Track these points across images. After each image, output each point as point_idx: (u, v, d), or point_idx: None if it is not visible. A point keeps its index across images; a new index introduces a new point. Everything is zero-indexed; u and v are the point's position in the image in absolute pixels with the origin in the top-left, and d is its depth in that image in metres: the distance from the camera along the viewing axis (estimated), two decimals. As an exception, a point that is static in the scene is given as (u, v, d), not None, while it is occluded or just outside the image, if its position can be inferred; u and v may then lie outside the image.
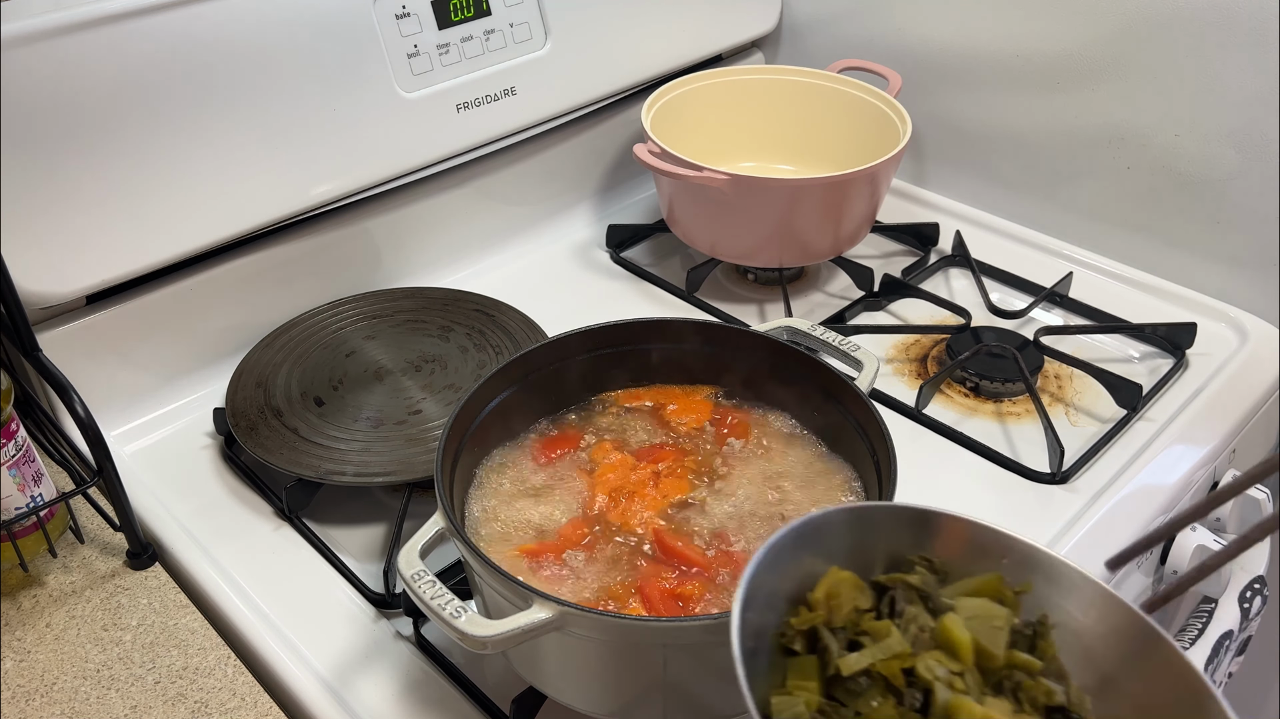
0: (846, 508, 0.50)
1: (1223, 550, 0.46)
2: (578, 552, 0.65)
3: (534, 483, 0.71)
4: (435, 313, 0.97)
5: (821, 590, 0.47)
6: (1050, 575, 0.50)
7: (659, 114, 1.06)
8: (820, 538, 0.49)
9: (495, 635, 0.54)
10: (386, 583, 0.74)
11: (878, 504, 0.51)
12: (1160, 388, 0.91)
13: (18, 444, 0.71)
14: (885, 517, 0.51)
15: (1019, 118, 1.10)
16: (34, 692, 0.66)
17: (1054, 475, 0.82)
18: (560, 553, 0.65)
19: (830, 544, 0.49)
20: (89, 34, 0.77)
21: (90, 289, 0.83)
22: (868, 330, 0.99)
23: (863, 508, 0.50)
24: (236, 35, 0.84)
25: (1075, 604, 0.50)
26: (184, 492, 0.83)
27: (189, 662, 0.69)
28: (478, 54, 0.99)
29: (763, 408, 0.76)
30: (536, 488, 0.70)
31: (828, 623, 0.46)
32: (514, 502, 0.69)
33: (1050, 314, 1.02)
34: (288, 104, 0.88)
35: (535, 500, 0.69)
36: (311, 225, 0.97)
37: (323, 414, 0.85)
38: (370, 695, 0.68)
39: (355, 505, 0.82)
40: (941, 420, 0.88)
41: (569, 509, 0.69)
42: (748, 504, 0.68)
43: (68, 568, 0.76)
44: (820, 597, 0.47)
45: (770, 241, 1.00)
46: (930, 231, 1.11)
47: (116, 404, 0.88)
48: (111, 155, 0.81)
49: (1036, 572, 0.50)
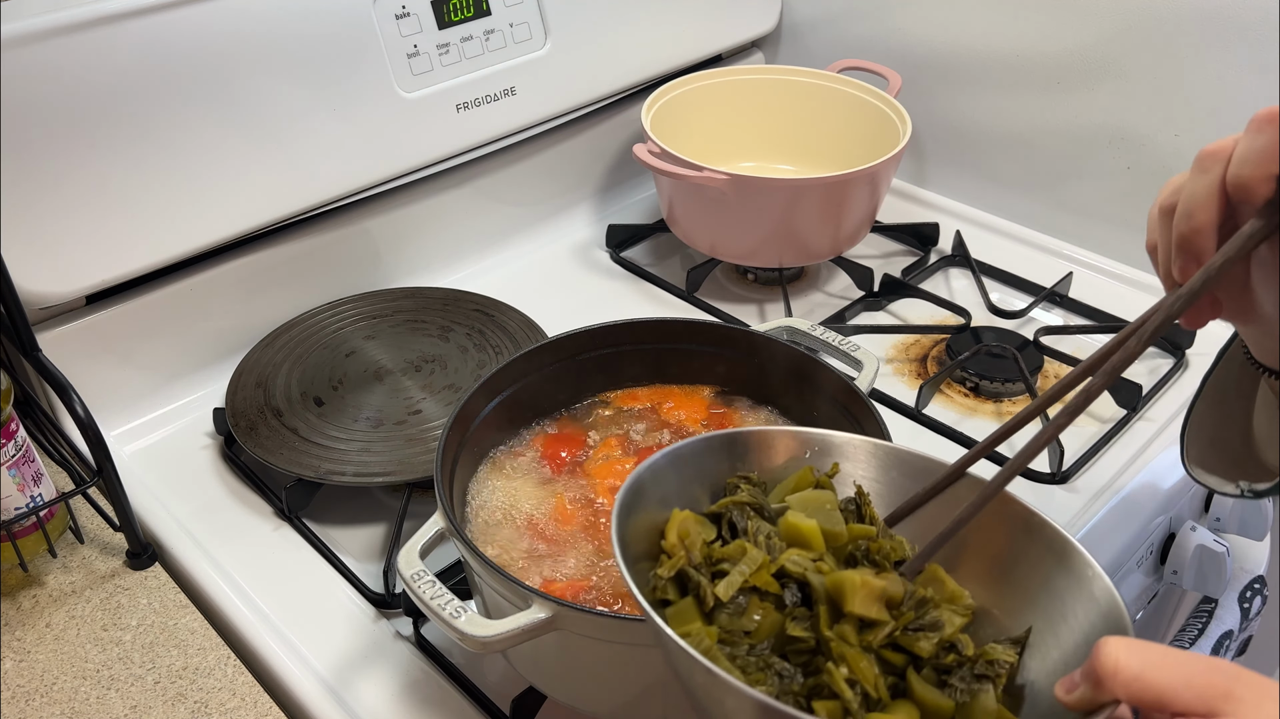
0: (661, 453, 0.51)
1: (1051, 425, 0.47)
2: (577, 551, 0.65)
3: (534, 483, 0.71)
4: (435, 313, 0.97)
5: (673, 534, 0.49)
6: (846, 453, 0.54)
7: (659, 114, 1.06)
8: (655, 487, 0.50)
9: (495, 635, 0.54)
10: (386, 583, 0.74)
11: (687, 440, 0.52)
12: (1160, 388, 0.91)
13: (17, 444, 0.71)
14: (698, 450, 0.52)
15: (1019, 118, 1.10)
16: (34, 692, 0.66)
17: (1054, 475, 0.82)
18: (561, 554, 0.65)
19: (663, 491, 0.51)
20: (88, 34, 0.77)
21: (90, 289, 0.83)
22: (868, 330, 0.99)
23: (676, 448, 0.52)
24: (236, 35, 0.84)
25: (873, 470, 0.54)
26: (184, 492, 0.83)
27: (189, 662, 0.69)
28: (477, 54, 0.99)
29: (762, 408, 0.76)
30: (536, 488, 0.70)
31: (690, 562, 0.48)
32: (514, 502, 0.69)
33: (1050, 314, 1.02)
34: (288, 104, 0.88)
35: (535, 500, 0.69)
36: (311, 225, 0.97)
37: (322, 414, 0.85)
38: (370, 695, 0.67)
39: (355, 505, 0.82)
40: (941, 420, 0.88)
41: (569, 509, 0.69)
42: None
43: (67, 568, 0.76)
44: (674, 540, 0.49)
45: (770, 241, 1.00)
46: (930, 231, 1.11)
47: (116, 404, 0.88)
48: (111, 155, 0.81)
49: (837, 454, 0.54)
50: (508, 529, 0.67)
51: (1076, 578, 0.47)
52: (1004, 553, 0.50)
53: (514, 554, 0.66)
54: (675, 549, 0.48)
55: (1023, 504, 0.50)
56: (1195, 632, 0.87)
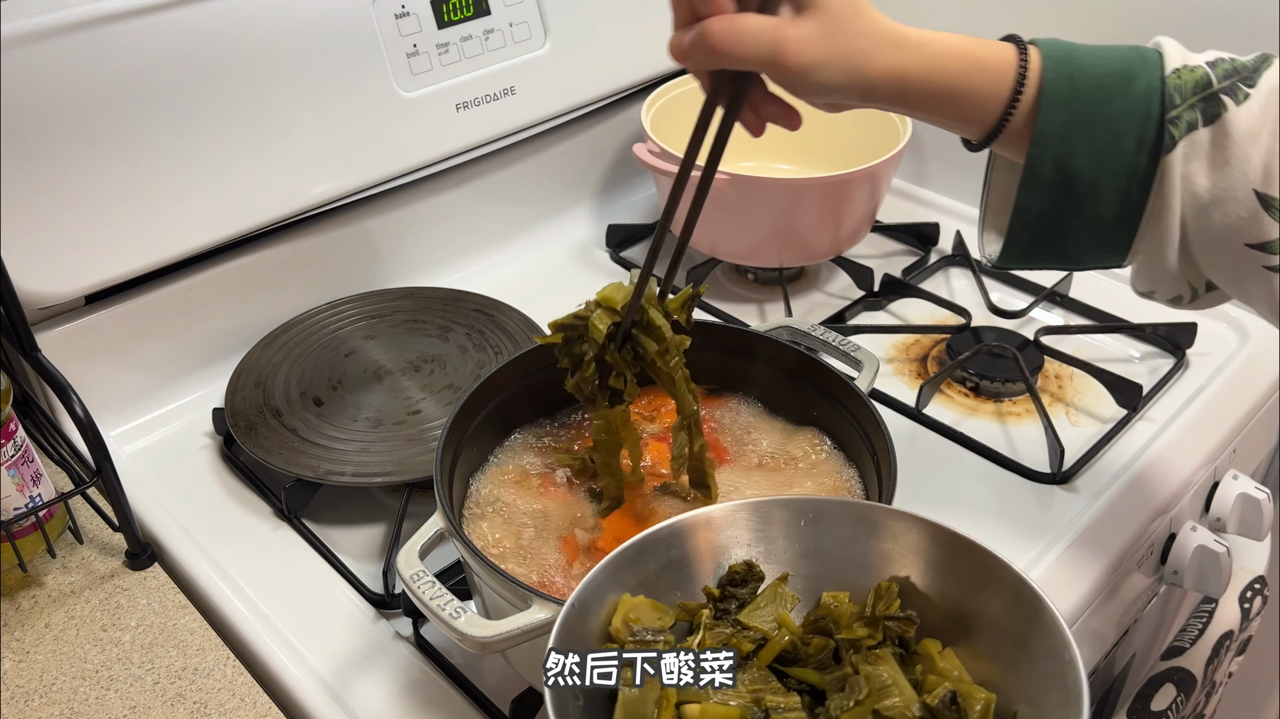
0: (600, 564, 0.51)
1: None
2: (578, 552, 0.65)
3: (534, 483, 0.71)
4: (435, 313, 0.97)
5: (618, 619, 0.49)
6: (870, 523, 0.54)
7: (659, 114, 1.06)
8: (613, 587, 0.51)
9: (495, 636, 0.54)
10: (386, 583, 0.74)
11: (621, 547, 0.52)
12: (1160, 388, 0.91)
13: (16, 444, 0.71)
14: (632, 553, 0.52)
15: (1019, 117, 1.09)
16: (33, 692, 0.66)
17: (1054, 475, 0.82)
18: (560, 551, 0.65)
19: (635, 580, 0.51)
20: (88, 34, 0.77)
21: (89, 289, 0.83)
22: (868, 330, 0.99)
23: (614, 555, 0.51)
24: (235, 35, 0.84)
25: (886, 539, 0.53)
26: (183, 492, 0.83)
27: (188, 662, 0.68)
28: (477, 54, 0.99)
29: (761, 408, 0.76)
30: (536, 487, 0.70)
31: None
32: (513, 501, 0.69)
33: (1050, 314, 1.02)
34: (287, 104, 0.88)
35: (535, 500, 0.69)
36: (311, 225, 0.97)
37: (322, 414, 0.85)
38: (369, 696, 0.67)
39: (354, 505, 0.82)
40: (941, 420, 0.88)
41: (569, 508, 0.69)
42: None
43: (67, 568, 0.76)
44: (618, 625, 0.49)
45: (770, 241, 1.00)
46: (930, 231, 1.11)
47: (116, 404, 0.88)
48: (111, 155, 0.80)
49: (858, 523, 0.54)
50: (508, 529, 0.67)
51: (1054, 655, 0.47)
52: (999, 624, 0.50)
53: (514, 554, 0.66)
54: (620, 634, 0.49)
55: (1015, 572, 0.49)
56: (1195, 632, 0.87)
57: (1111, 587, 0.76)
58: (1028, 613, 0.48)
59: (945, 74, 0.58)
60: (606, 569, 0.50)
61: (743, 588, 0.53)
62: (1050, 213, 0.60)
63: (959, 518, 0.52)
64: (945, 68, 0.58)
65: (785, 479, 0.70)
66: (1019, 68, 0.58)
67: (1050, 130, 0.57)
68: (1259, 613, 0.89)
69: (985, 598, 0.50)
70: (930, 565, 0.52)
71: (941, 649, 0.50)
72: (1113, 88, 0.57)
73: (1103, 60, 0.58)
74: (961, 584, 0.51)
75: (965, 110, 0.60)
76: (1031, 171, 0.58)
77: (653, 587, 0.51)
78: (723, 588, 0.53)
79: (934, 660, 0.49)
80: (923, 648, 0.50)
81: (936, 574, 0.52)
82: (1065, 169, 0.58)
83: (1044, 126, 0.57)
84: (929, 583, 0.52)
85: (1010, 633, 0.49)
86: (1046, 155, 0.58)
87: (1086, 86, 0.57)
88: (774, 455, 0.73)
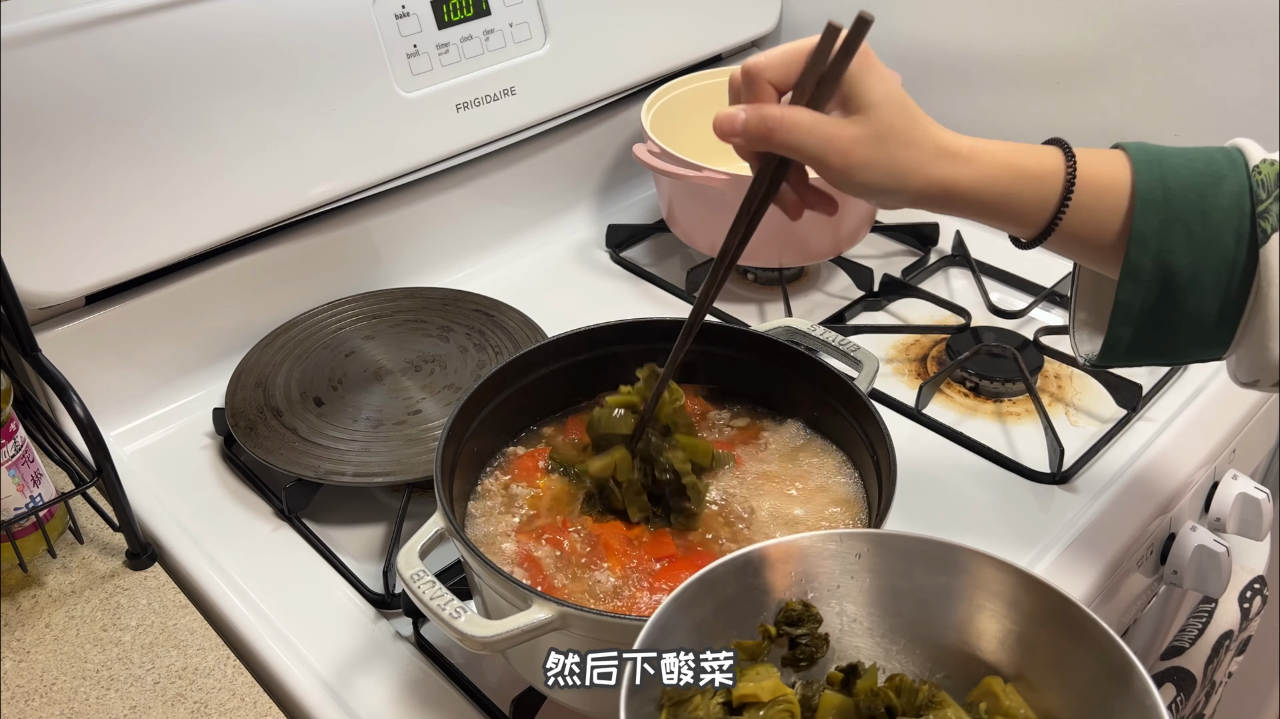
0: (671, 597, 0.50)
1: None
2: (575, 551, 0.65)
3: (533, 483, 0.71)
4: (435, 313, 0.97)
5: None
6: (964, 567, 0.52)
7: (659, 114, 1.06)
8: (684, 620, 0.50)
9: (495, 636, 0.54)
10: (386, 583, 0.74)
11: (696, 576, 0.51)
12: (1160, 388, 0.91)
13: (17, 444, 0.71)
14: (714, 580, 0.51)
15: (1019, 118, 1.10)
16: (33, 692, 0.66)
17: (1054, 475, 0.82)
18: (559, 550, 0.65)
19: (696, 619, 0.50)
20: (88, 34, 0.77)
21: (89, 289, 0.83)
22: (867, 330, 0.99)
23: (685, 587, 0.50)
24: (236, 35, 0.84)
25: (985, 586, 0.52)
26: (183, 492, 0.83)
27: (188, 662, 0.68)
28: (477, 54, 0.99)
29: (762, 408, 0.76)
30: (536, 487, 0.70)
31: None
32: (513, 501, 0.69)
33: (1050, 314, 1.02)
34: (287, 104, 0.88)
35: (535, 500, 0.69)
36: (311, 225, 0.97)
37: (322, 414, 0.85)
38: (370, 696, 0.67)
39: (355, 505, 0.82)
40: (941, 420, 0.88)
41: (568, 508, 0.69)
42: (747, 502, 0.69)
43: (67, 568, 0.76)
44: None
45: (770, 241, 1.00)
46: (930, 231, 1.11)
47: (116, 404, 0.88)
48: (111, 155, 0.80)
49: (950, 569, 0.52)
50: (508, 529, 0.67)
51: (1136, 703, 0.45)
52: (1063, 660, 0.49)
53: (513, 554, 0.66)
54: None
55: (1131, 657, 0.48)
56: (1195, 632, 0.87)
57: (1111, 586, 0.76)
58: (1116, 673, 0.47)
59: (994, 186, 0.60)
60: (671, 609, 0.49)
61: (798, 628, 0.52)
62: (1152, 309, 0.61)
63: (959, 518, 0.52)
64: (994, 179, 0.60)
65: (785, 479, 0.70)
66: (1067, 174, 0.60)
67: (1147, 229, 0.59)
68: (1259, 613, 0.89)
69: (1066, 647, 0.49)
70: (1008, 608, 0.51)
71: (1005, 684, 0.50)
72: (1204, 187, 0.59)
73: (1191, 161, 0.60)
74: (1039, 628, 0.50)
75: (1013, 216, 0.62)
76: (1132, 269, 0.60)
77: (709, 628, 0.51)
78: (779, 627, 0.52)
79: (999, 699, 0.49)
80: (985, 685, 0.50)
81: (1015, 617, 0.51)
82: (1165, 266, 0.59)
83: (1141, 226, 0.59)
84: (1003, 626, 0.51)
85: (1090, 685, 0.48)
86: (1145, 254, 0.59)
87: (1179, 186, 0.59)
88: (774, 455, 0.73)
